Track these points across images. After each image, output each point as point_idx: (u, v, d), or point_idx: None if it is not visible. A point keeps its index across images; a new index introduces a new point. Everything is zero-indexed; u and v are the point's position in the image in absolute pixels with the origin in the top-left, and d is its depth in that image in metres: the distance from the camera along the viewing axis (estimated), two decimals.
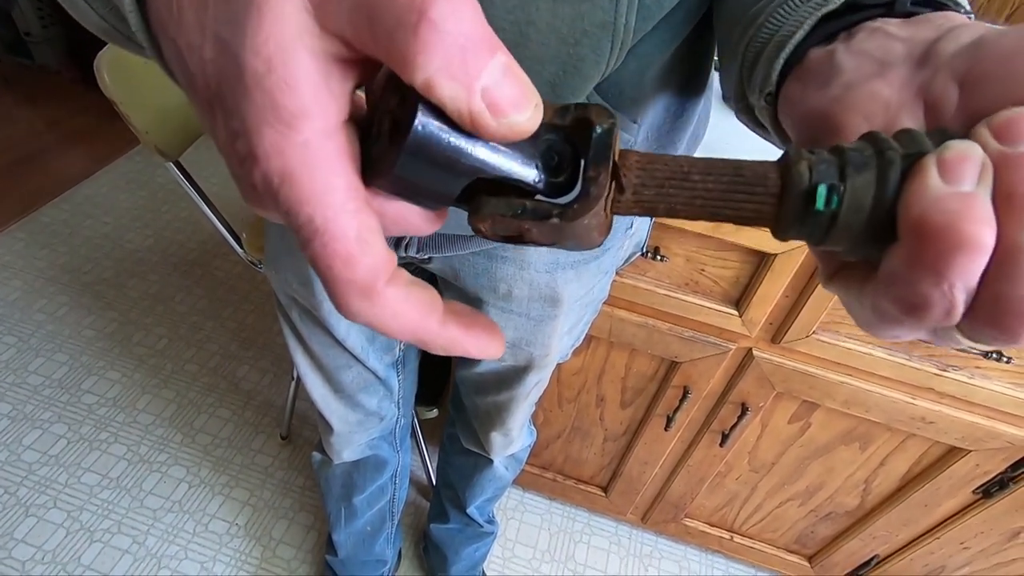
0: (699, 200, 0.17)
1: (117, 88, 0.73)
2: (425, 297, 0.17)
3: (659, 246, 0.72)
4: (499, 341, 0.18)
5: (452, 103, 0.14)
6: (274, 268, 0.59)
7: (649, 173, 0.17)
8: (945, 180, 0.14)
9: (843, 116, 0.18)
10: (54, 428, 1.23)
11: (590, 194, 0.17)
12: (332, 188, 0.15)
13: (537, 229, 0.17)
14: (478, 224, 0.17)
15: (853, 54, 0.19)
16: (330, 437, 0.75)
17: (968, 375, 0.72)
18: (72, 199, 1.75)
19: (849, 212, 0.15)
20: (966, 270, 0.13)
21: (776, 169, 0.16)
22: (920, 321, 0.15)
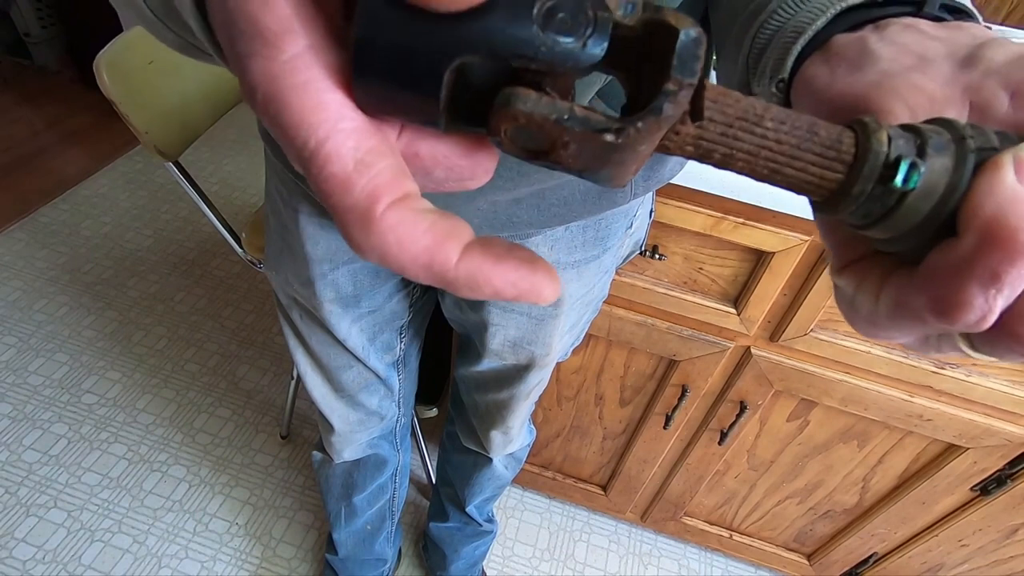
0: (765, 152, 0.15)
1: (116, 88, 0.73)
2: (443, 224, 0.14)
3: (657, 244, 0.73)
4: (545, 278, 0.14)
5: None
6: (275, 269, 0.60)
7: (720, 107, 0.15)
8: (1022, 180, 0.13)
9: (884, 101, 0.17)
10: (54, 428, 1.23)
11: (663, 112, 0.13)
12: (323, 105, 0.13)
13: (577, 145, 0.14)
14: (501, 124, 0.14)
15: (888, 44, 0.19)
16: (331, 436, 0.75)
17: (965, 373, 0.72)
18: (71, 199, 1.75)
19: (919, 196, 0.14)
20: (1020, 278, 0.13)
21: (851, 135, 0.15)
22: (948, 323, 0.14)
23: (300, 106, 0.13)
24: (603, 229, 0.52)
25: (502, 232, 0.47)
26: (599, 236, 0.53)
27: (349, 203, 0.13)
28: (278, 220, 0.56)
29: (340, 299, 0.57)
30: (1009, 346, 0.14)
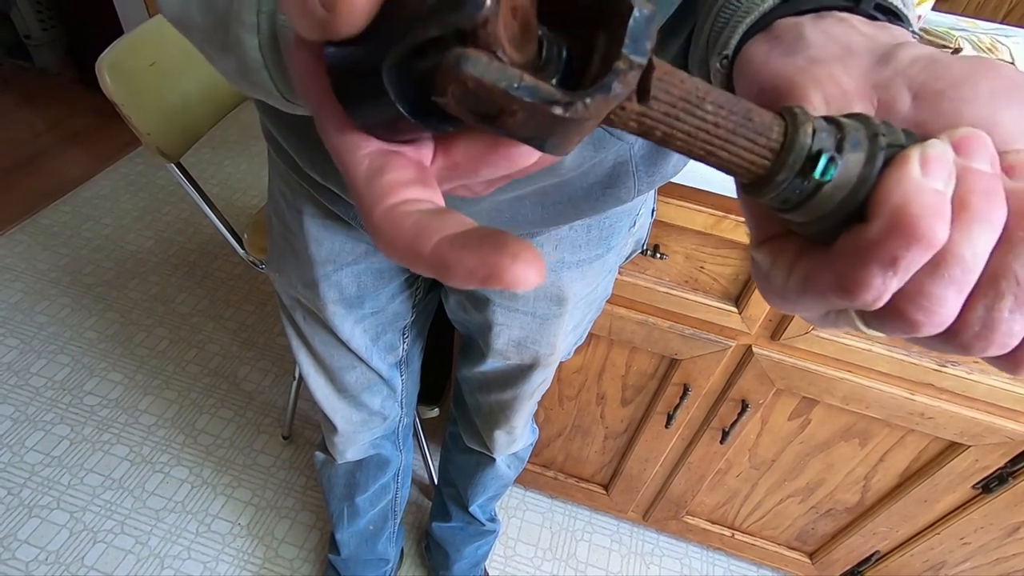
0: (702, 134, 0.16)
1: (119, 90, 0.73)
2: (425, 222, 0.15)
3: (659, 244, 0.73)
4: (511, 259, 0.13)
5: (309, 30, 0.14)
6: (278, 270, 0.60)
7: (665, 87, 0.15)
8: (925, 175, 0.15)
9: (805, 88, 0.19)
10: (57, 429, 1.23)
11: (611, 91, 0.14)
12: (347, 141, 0.17)
13: (525, 114, 0.14)
14: (449, 84, 0.13)
15: (821, 32, 0.20)
16: (334, 437, 0.75)
17: (967, 370, 0.72)
18: (73, 201, 1.76)
19: (834, 186, 0.15)
20: (915, 262, 0.15)
21: (780, 124, 0.16)
22: (848, 301, 0.16)
23: (335, 144, 0.17)
24: (607, 228, 0.53)
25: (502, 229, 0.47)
26: (603, 235, 0.53)
27: (363, 210, 0.16)
28: (281, 222, 0.56)
29: (343, 300, 0.58)
30: (895, 324, 0.16)
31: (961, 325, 0.15)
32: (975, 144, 0.15)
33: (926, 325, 0.15)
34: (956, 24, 0.87)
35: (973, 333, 0.15)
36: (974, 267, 0.15)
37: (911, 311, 0.15)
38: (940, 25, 0.85)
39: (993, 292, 0.15)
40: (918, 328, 0.15)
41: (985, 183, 0.15)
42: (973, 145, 0.15)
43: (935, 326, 0.15)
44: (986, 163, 0.15)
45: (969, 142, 0.15)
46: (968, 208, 0.14)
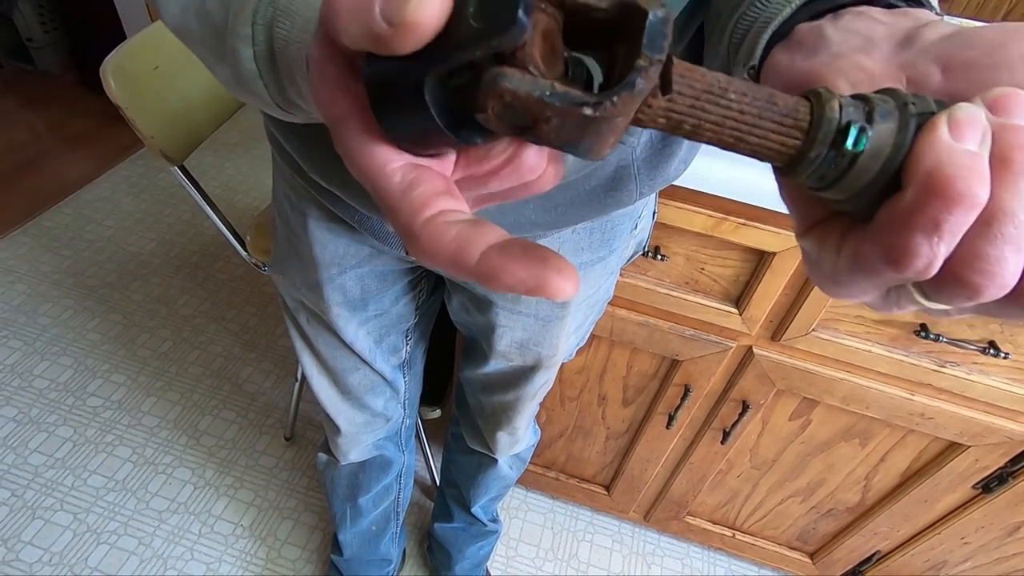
0: (730, 122, 0.16)
1: (123, 94, 0.74)
2: (466, 233, 0.16)
3: (660, 245, 0.73)
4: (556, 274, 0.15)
5: (366, 42, 0.15)
6: (281, 272, 0.60)
7: (687, 81, 0.16)
8: (955, 138, 0.15)
9: (831, 79, 0.19)
10: (60, 431, 1.24)
11: (636, 87, 0.15)
12: (375, 156, 0.18)
13: (559, 120, 0.15)
14: (487, 100, 0.15)
15: (840, 30, 0.21)
16: (337, 438, 0.75)
17: (966, 371, 0.72)
18: (75, 203, 1.76)
19: (868, 157, 0.16)
20: (958, 224, 0.14)
21: (807, 104, 0.16)
22: (899, 272, 0.15)
23: (361, 161, 0.18)
24: (609, 231, 0.53)
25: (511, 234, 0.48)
26: (605, 238, 0.53)
27: (400, 222, 0.17)
28: (285, 224, 0.56)
29: (347, 303, 0.58)
30: (956, 291, 0.15)
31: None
32: (1012, 101, 0.15)
33: (988, 288, 0.15)
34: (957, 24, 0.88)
35: None
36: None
37: (969, 275, 0.15)
38: None
39: None
40: (980, 292, 0.15)
41: (1022, 136, 0.14)
42: (1010, 102, 0.15)
43: (998, 288, 0.15)
44: (1022, 118, 0.15)
45: (1005, 100, 0.15)
46: (1010, 163, 0.14)
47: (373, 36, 0.15)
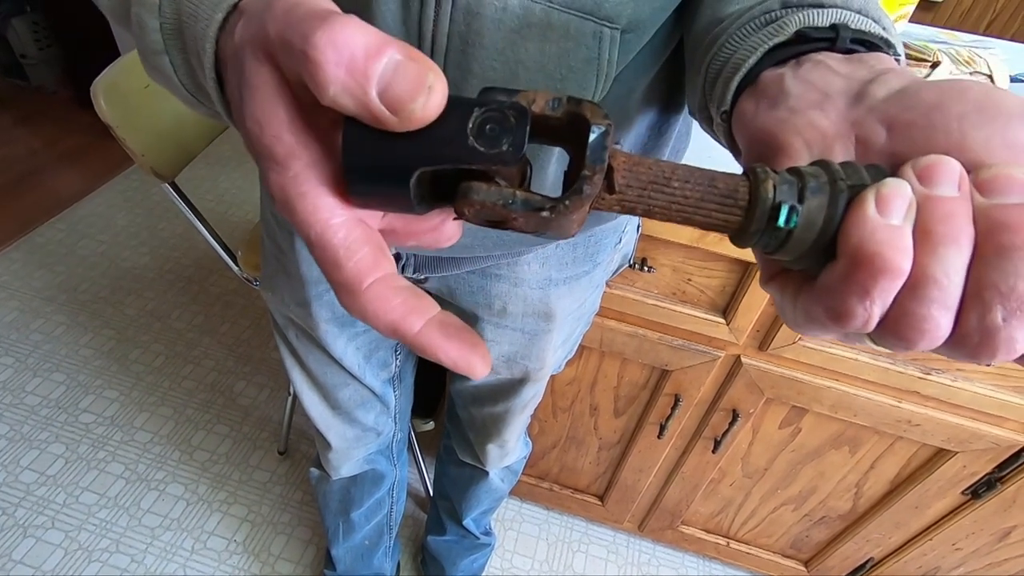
0: (676, 206, 0.18)
1: (114, 112, 0.75)
2: (411, 301, 0.18)
3: (646, 257, 0.74)
4: (479, 359, 0.19)
5: (358, 113, 0.17)
6: (271, 289, 0.61)
7: (635, 175, 0.19)
8: (880, 212, 0.16)
9: (786, 138, 0.20)
10: (52, 448, 1.23)
11: (583, 193, 0.18)
12: (318, 208, 0.18)
13: (524, 219, 0.18)
14: (463, 208, 0.18)
15: (800, 81, 0.22)
16: (328, 453, 0.76)
17: (951, 378, 0.73)
18: (68, 218, 1.76)
19: (802, 230, 0.17)
20: (886, 290, 0.16)
21: (745, 184, 0.18)
22: (842, 328, 0.17)
23: (303, 209, 0.18)
24: (592, 246, 0.54)
25: (493, 251, 0.48)
26: (588, 252, 0.54)
27: (340, 279, 0.18)
28: (273, 242, 0.57)
29: (336, 319, 0.58)
30: (894, 343, 0.17)
31: (961, 337, 0.16)
32: (935, 171, 0.16)
33: (921, 341, 0.16)
34: (935, 37, 0.89)
35: (975, 343, 0.16)
36: (950, 286, 0.15)
37: (902, 330, 0.16)
38: (919, 38, 0.87)
39: (980, 304, 0.15)
40: (914, 344, 0.16)
41: (946, 208, 0.16)
42: (934, 172, 0.16)
43: (930, 340, 0.16)
44: (949, 187, 0.16)
45: (930, 170, 0.16)
46: (930, 234, 0.16)
47: (370, 113, 0.16)
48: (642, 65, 0.36)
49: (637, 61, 0.36)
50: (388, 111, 0.16)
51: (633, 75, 0.36)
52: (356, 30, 0.16)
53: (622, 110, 0.39)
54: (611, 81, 0.34)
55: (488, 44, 0.30)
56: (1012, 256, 0.15)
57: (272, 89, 0.18)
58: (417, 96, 0.16)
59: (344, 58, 0.16)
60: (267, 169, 0.18)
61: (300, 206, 0.18)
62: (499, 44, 0.31)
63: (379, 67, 0.16)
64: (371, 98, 0.16)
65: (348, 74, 0.16)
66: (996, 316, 0.15)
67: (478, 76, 0.32)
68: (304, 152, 0.18)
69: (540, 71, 0.32)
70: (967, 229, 0.16)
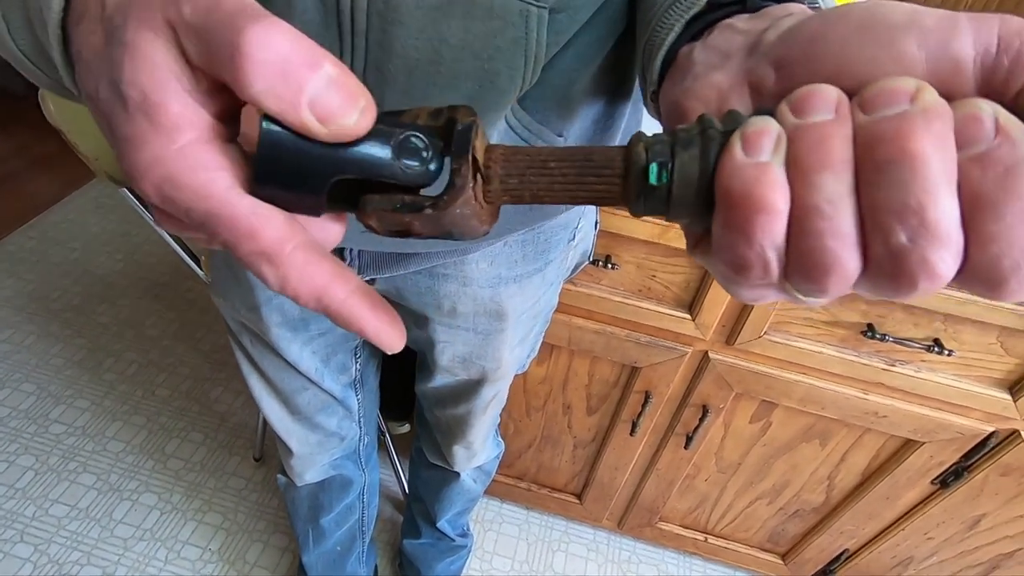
0: (558, 185, 0.19)
1: (62, 116, 0.73)
2: (335, 269, 0.18)
3: (610, 254, 0.73)
4: (397, 333, 0.20)
5: (282, 117, 0.17)
6: (221, 295, 0.60)
7: (512, 163, 0.19)
8: (746, 152, 0.15)
9: (686, 103, 0.20)
10: (21, 460, 1.21)
11: (455, 184, 0.18)
12: (214, 180, 0.17)
13: (418, 222, 0.19)
14: (366, 220, 0.19)
15: (705, 49, 0.21)
16: (290, 460, 0.74)
17: (915, 369, 0.73)
18: (39, 225, 1.73)
19: (680, 186, 0.17)
20: (767, 230, 0.15)
21: (620, 152, 0.18)
22: (748, 279, 0.16)
23: (193, 182, 0.17)
24: (542, 243, 0.53)
25: (438, 248, 0.47)
26: (539, 250, 0.53)
27: (258, 247, 0.18)
28: None
29: (287, 323, 0.57)
30: (807, 286, 0.15)
31: (875, 268, 0.15)
32: (806, 100, 0.15)
33: (830, 278, 0.15)
34: None
35: (889, 272, 0.14)
36: (836, 213, 0.14)
37: (808, 271, 0.15)
38: None
39: (878, 229, 0.14)
40: (826, 283, 0.15)
41: (816, 133, 0.15)
42: (805, 102, 0.15)
43: (842, 276, 0.15)
44: (824, 113, 0.15)
45: (801, 101, 0.15)
46: (799, 162, 0.15)
47: (299, 120, 0.17)
48: (584, 55, 0.36)
49: (577, 50, 0.35)
50: (317, 121, 0.17)
51: (575, 65, 0.36)
52: (292, 35, 0.17)
53: (564, 101, 0.38)
54: (541, 65, 0.33)
55: (408, 22, 0.29)
56: (891, 168, 0.14)
57: (162, 59, 0.17)
58: (349, 113, 0.17)
59: (278, 60, 0.16)
60: (141, 138, 0.17)
61: (190, 179, 0.17)
62: (420, 22, 0.29)
63: (314, 77, 0.16)
64: (301, 105, 0.16)
65: (281, 78, 0.16)
66: (899, 237, 0.14)
67: (400, 56, 0.30)
68: (192, 128, 0.18)
69: (465, 50, 0.30)
70: (842, 151, 0.14)
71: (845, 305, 0.71)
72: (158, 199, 0.18)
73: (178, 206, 0.18)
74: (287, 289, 0.18)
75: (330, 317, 0.19)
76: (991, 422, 0.75)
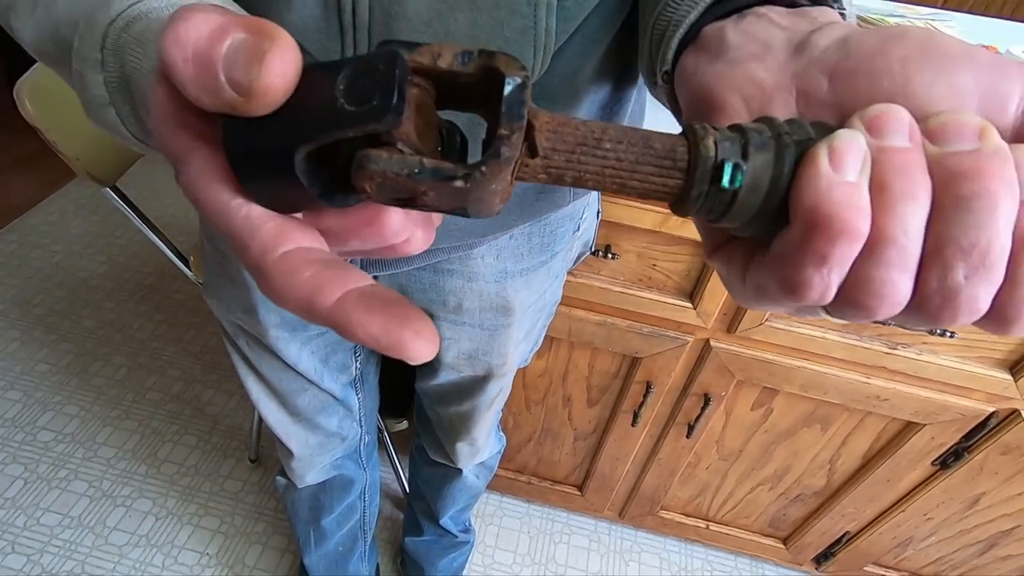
0: (609, 170, 0.16)
1: (42, 115, 0.70)
2: (325, 273, 0.16)
3: (610, 244, 0.73)
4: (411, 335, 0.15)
5: (216, 107, 0.15)
6: (215, 297, 0.58)
7: (560, 137, 0.16)
8: (834, 168, 0.14)
9: (724, 94, 0.19)
10: (9, 469, 1.18)
11: (501, 156, 0.15)
12: (220, 191, 0.17)
13: (436, 192, 0.15)
14: (362, 184, 0.15)
15: (740, 33, 0.21)
16: (291, 462, 0.73)
17: (917, 352, 0.73)
18: (19, 229, 1.69)
19: (748, 191, 0.16)
20: (844, 256, 0.15)
21: (684, 143, 0.16)
22: (797, 301, 0.16)
23: (206, 199, 0.17)
24: (548, 235, 0.52)
25: (441, 243, 0.46)
26: (545, 242, 0.52)
27: (249, 260, 0.17)
28: (215, 247, 0.54)
29: (285, 324, 0.56)
30: (852, 312, 0.16)
31: (922, 301, 0.15)
32: (885, 120, 0.15)
33: (880, 308, 0.15)
34: (893, 11, 0.89)
35: (936, 305, 0.15)
36: (909, 245, 0.14)
37: (861, 298, 0.15)
38: (875, 12, 0.87)
39: (940, 263, 0.14)
40: (873, 312, 0.15)
41: (900, 159, 0.14)
42: (884, 122, 0.15)
43: (891, 307, 0.15)
44: (900, 137, 0.15)
45: (879, 120, 0.15)
46: (886, 189, 0.14)
47: (224, 102, 0.15)
48: (590, 41, 0.34)
49: (584, 36, 0.34)
50: (236, 94, 0.15)
51: (581, 51, 0.34)
52: (200, 19, 0.15)
53: (570, 89, 0.37)
54: (551, 54, 0.31)
55: (412, 15, 0.28)
56: (972, 207, 0.14)
57: (165, 99, 0.17)
58: (251, 67, 0.14)
59: (189, 53, 0.15)
60: (176, 172, 0.18)
61: (204, 196, 0.17)
62: (424, 15, 0.28)
63: (222, 50, 0.15)
64: (221, 85, 0.15)
65: (196, 68, 0.15)
66: (958, 275, 0.14)
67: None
68: (197, 150, 0.17)
69: (472, 42, 0.29)
70: (924, 182, 0.14)
71: None
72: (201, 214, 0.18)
73: (207, 218, 0.18)
74: (282, 303, 0.17)
75: (327, 326, 0.16)
76: (992, 402, 0.75)
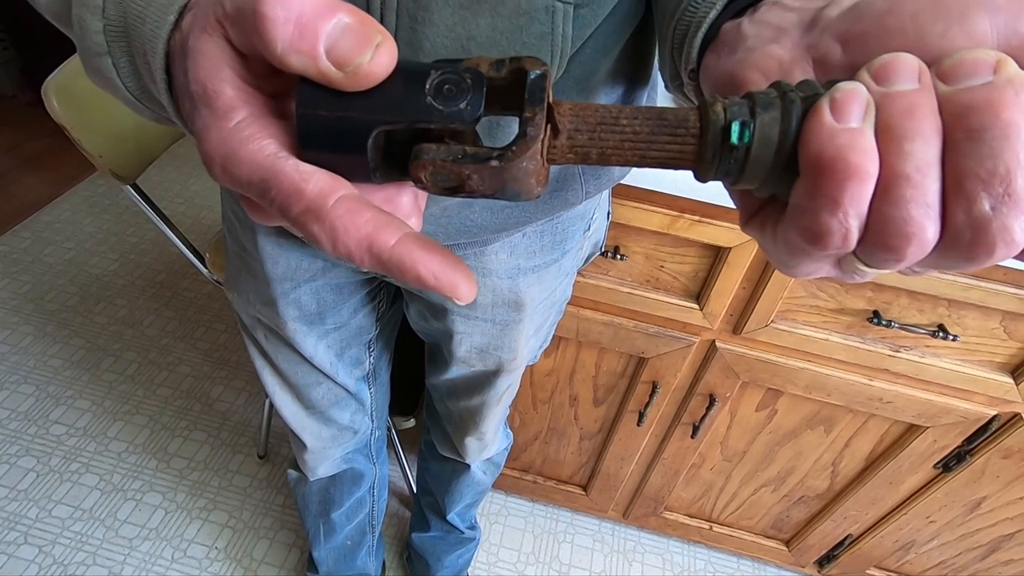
0: (628, 143, 0.18)
1: (67, 113, 0.72)
2: (383, 216, 0.18)
3: (619, 245, 0.74)
4: (463, 278, 0.18)
5: (306, 71, 0.17)
6: (235, 290, 0.59)
7: (582, 118, 0.18)
8: (836, 117, 0.15)
9: (745, 74, 0.20)
10: (22, 462, 1.20)
11: (527, 134, 0.17)
12: (264, 148, 0.18)
13: (478, 175, 0.18)
14: (417, 173, 0.18)
15: (755, 24, 0.22)
16: (304, 454, 0.74)
17: (919, 354, 0.75)
18: (33, 226, 1.71)
19: (759, 146, 0.17)
20: (856, 197, 0.15)
21: (695, 111, 0.18)
22: (823, 249, 0.16)
23: (247, 152, 0.18)
24: (560, 233, 0.53)
25: (458, 238, 0.48)
26: (556, 240, 0.54)
27: (304, 206, 0.17)
28: (236, 241, 0.56)
29: (304, 317, 0.57)
30: (882, 256, 0.16)
31: (953, 238, 0.15)
32: (891, 68, 0.15)
33: (908, 248, 0.15)
34: None
35: (969, 240, 0.15)
36: (924, 180, 0.15)
37: (886, 239, 0.15)
38: None
39: (963, 196, 0.14)
40: (903, 253, 0.15)
41: (906, 101, 0.15)
42: (889, 69, 0.15)
43: (919, 246, 0.15)
44: (908, 82, 0.15)
45: (885, 68, 0.15)
46: (892, 129, 0.15)
47: (318, 70, 0.17)
48: (603, 44, 0.36)
49: (598, 40, 0.35)
50: (335, 68, 0.17)
51: (595, 55, 0.36)
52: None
53: (585, 91, 0.38)
54: (567, 58, 0.33)
55: (437, 20, 0.30)
56: (985, 137, 0.14)
57: (216, 52, 0.18)
58: (363, 52, 0.17)
59: (293, 16, 0.16)
60: (207, 125, 0.18)
61: (244, 150, 0.18)
62: (449, 20, 0.30)
63: (328, 26, 0.17)
64: (319, 54, 0.17)
65: (297, 31, 0.16)
66: (983, 205, 0.14)
67: (429, 54, 0.31)
68: (246, 107, 0.19)
69: (493, 48, 0.31)
70: (931, 119, 0.15)
71: (851, 292, 0.72)
72: (227, 180, 0.19)
73: (241, 182, 0.19)
74: (338, 245, 0.17)
75: (387, 270, 0.18)
76: (994, 406, 0.76)
